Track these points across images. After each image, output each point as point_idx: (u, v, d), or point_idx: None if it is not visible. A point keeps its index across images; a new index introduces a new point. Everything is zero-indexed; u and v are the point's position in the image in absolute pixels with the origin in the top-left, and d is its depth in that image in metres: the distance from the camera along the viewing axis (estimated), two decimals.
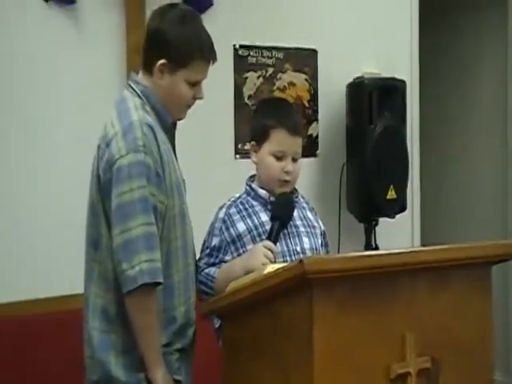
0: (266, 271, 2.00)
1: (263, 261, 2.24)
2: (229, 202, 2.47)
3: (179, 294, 2.19)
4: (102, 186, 2.12)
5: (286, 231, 2.40)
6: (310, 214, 2.54)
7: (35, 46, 3.17)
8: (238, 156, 3.68)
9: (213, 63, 2.26)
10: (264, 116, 2.47)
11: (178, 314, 2.19)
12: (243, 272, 2.23)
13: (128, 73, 3.22)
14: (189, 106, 2.28)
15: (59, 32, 3.22)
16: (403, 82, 3.93)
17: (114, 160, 2.07)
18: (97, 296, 2.16)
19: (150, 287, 2.04)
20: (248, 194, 2.47)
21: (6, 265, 3.07)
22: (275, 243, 2.33)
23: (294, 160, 2.43)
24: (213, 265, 2.40)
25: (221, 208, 2.46)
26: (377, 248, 3.88)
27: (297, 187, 2.53)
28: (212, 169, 3.55)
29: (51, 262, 3.14)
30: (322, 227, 2.58)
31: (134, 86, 2.23)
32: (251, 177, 2.53)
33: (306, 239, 2.44)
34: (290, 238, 2.41)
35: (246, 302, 1.95)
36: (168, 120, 2.25)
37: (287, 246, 2.39)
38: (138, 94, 2.21)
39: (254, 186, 2.47)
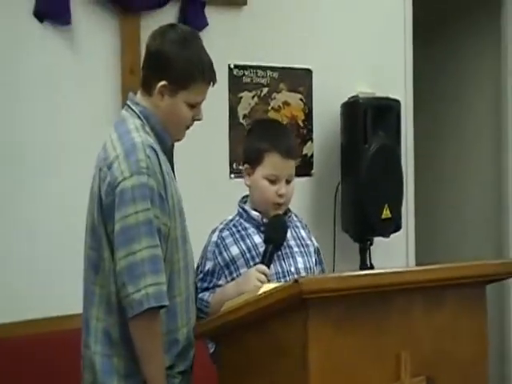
0: (261, 291, 1.99)
1: (256, 285, 2.22)
2: (221, 225, 2.46)
3: (181, 316, 2.18)
4: (104, 208, 2.09)
5: (279, 252, 2.39)
6: (303, 233, 2.53)
7: (30, 66, 3.18)
8: (232, 176, 3.68)
9: (213, 85, 2.25)
10: (257, 139, 2.45)
11: (181, 336, 2.18)
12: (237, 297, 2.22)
13: (123, 93, 3.24)
14: (188, 127, 2.27)
15: (54, 52, 3.24)
16: (397, 101, 3.94)
17: (117, 182, 2.05)
18: (98, 320, 2.13)
19: (155, 311, 2.03)
20: (241, 216, 2.46)
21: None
22: (269, 266, 2.32)
23: (288, 182, 2.42)
24: (206, 289, 2.38)
25: (213, 231, 2.45)
26: (372, 267, 3.87)
27: (291, 207, 2.52)
28: (207, 189, 3.55)
29: (47, 280, 3.15)
30: (316, 244, 2.57)
31: (133, 107, 2.22)
32: (243, 197, 2.52)
33: (300, 259, 2.43)
34: (283, 259, 2.40)
35: (241, 321, 1.94)
36: (168, 141, 2.24)
37: (281, 267, 2.39)
38: (137, 115, 2.20)
39: (246, 207, 2.46)
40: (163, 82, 2.16)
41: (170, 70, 2.16)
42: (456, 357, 1.99)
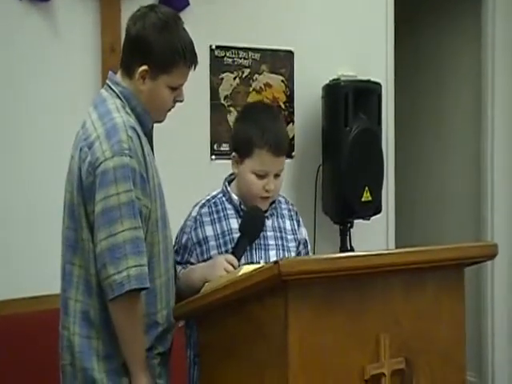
0: (240, 272, 1.99)
1: (222, 274, 2.19)
2: (203, 201, 2.42)
3: (161, 298, 2.17)
4: (84, 188, 2.06)
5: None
6: (287, 224, 2.46)
7: (9, 44, 3.15)
8: (213, 157, 3.67)
9: (194, 68, 2.23)
10: (248, 128, 2.32)
11: (160, 319, 2.17)
12: (202, 281, 2.21)
13: (103, 71, 3.21)
14: (169, 109, 2.25)
15: (34, 29, 3.20)
16: (379, 84, 3.95)
17: (99, 163, 2.03)
18: (77, 301, 2.12)
19: (136, 293, 2.02)
20: (224, 195, 2.43)
21: None
22: (239, 258, 2.28)
23: (277, 176, 2.35)
24: (178, 264, 2.37)
25: (196, 205, 2.42)
26: (352, 250, 3.88)
27: None
28: (188, 170, 3.54)
29: (24, 262, 3.14)
30: (303, 236, 2.51)
31: (113, 87, 2.19)
32: (231, 174, 2.46)
33: (272, 252, 2.37)
34: (255, 250, 2.35)
35: (221, 303, 1.94)
36: (148, 123, 2.21)
37: (251, 258, 2.34)
38: (117, 95, 2.17)
39: (229, 189, 2.41)
40: (144, 67, 2.14)
41: (151, 54, 2.13)
42: (434, 338, 2.00)
